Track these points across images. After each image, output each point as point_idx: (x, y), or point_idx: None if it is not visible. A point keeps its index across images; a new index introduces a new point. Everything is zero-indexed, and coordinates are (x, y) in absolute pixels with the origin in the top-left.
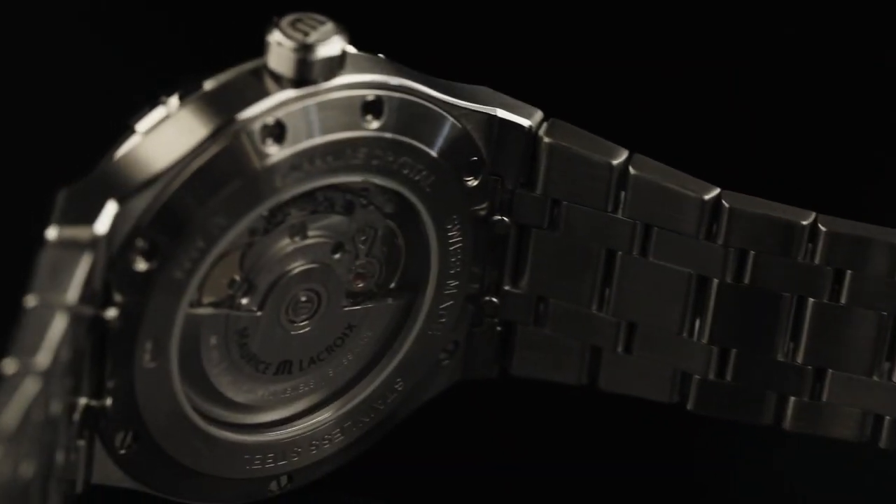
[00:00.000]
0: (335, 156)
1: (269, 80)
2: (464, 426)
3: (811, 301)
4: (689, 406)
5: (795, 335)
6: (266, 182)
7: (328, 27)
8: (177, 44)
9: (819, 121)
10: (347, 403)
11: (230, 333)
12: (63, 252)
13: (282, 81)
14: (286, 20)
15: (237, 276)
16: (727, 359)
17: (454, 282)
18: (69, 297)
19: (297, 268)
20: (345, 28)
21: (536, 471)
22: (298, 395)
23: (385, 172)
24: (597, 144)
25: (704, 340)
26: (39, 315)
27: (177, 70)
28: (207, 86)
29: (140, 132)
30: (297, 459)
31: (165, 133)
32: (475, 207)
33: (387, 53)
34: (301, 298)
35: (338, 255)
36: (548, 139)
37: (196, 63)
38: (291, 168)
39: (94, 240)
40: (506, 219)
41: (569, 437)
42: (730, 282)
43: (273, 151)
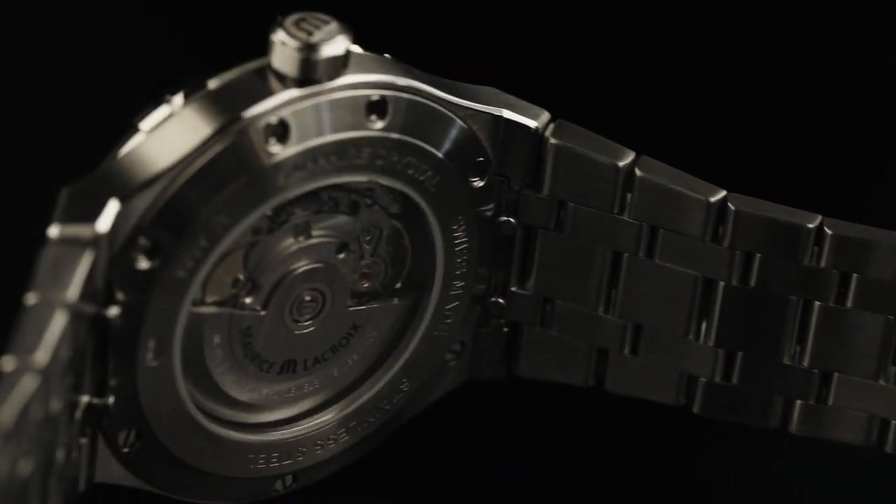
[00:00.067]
0: (339, 155)
1: (273, 80)
2: (470, 427)
3: (817, 304)
4: (696, 409)
5: (801, 338)
6: (269, 181)
7: (332, 27)
8: (177, 44)
9: (819, 121)
10: (352, 403)
11: (234, 332)
12: (64, 250)
13: (286, 81)
14: (290, 19)
15: (241, 276)
16: (733, 362)
17: (460, 282)
18: (69, 295)
19: (301, 267)
20: (349, 27)
21: (541, 471)
22: (303, 395)
23: (390, 172)
24: (603, 146)
25: (710, 343)
26: (39, 313)
27: (177, 70)
28: (211, 85)
29: (143, 131)
30: (302, 459)
31: (169, 131)
32: (481, 208)
33: (393, 53)
34: (305, 298)
35: (342, 255)
36: (554, 140)
37: (196, 63)
38: (295, 167)
39: (96, 238)
40: (512, 220)
41: (574, 439)
42: (736, 284)
43: (277, 151)
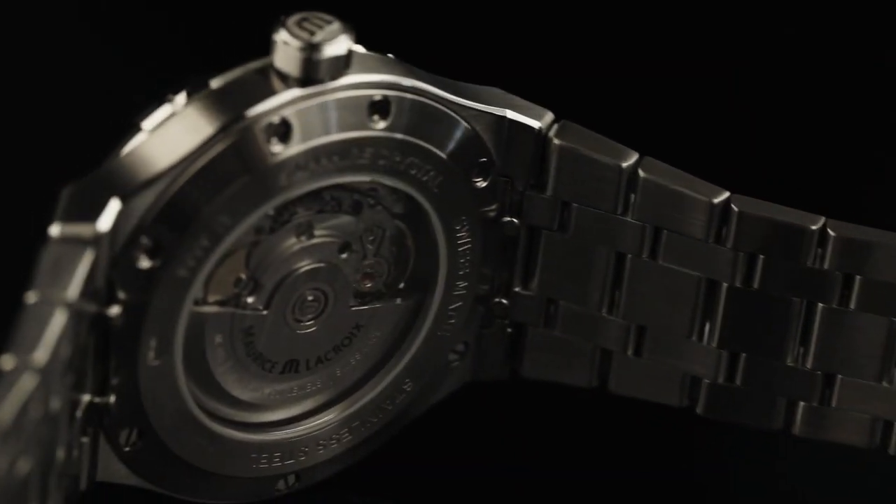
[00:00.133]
0: (341, 155)
1: (276, 79)
2: (473, 427)
3: (820, 306)
4: (699, 410)
5: (805, 340)
6: (271, 181)
7: (334, 26)
8: (177, 44)
9: (819, 121)
10: (355, 403)
11: (236, 332)
12: (65, 249)
13: (288, 80)
14: (293, 19)
15: (243, 275)
16: (736, 363)
17: (463, 283)
18: (69, 294)
19: (304, 267)
20: (351, 27)
21: (545, 472)
22: (305, 395)
23: (392, 173)
24: (607, 146)
25: (714, 344)
26: (39, 311)
27: (177, 70)
28: (214, 84)
29: (146, 130)
30: (305, 459)
31: (171, 131)
32: (484, 208)
33: (396, 53)
34: (308, 298)
35: (345, 255)
36: (558, 141)
37: (196, 63)
38: (297, 167)
39: (97, 237)
40: (515, 220)
41: (578, 439)
42: (739, 286)
43: (278, 150)
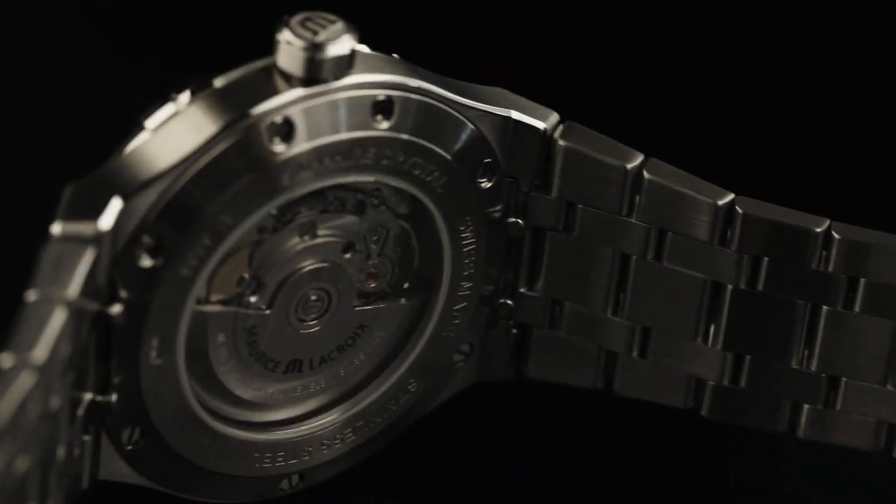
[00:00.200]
0: (344, 155)
1: (279, 79)
2: (478, 428)
3: (825, 308)
4: (704, 412)
5: (809, 342)
6: (274, 180)
7: (338, 26)
8: (177, 44)
9: (820, 121)
10: (359, 403)
11: (238, 331)
12: (66, 247)
13: (291, 80)
14: (296, 19)
15: (246, 274)
16: (741, 365)
17: (468, 283)
18: (69, 292)
19: (307, 267)
20: (355, 27)
21: (549, 473)
22: (309, 394)
23: (396, 173)
24: (612, 148)
25: (719, 346)
26: (39, 309)
27: (177, 70)
28: (217, 83)
29: (149, 129)
30: (309, 458)
31: (174, 130)
32: (489, 209)
33: (401, 53)
34: (311, 297)
35: (348, 255)
36: (563, 142)
37: (196, 63)
38: (300, 167)
39: (98, 235)
40: (520, 221)
41: (582, 441)
42: (744, 288)
43: (281, 150)
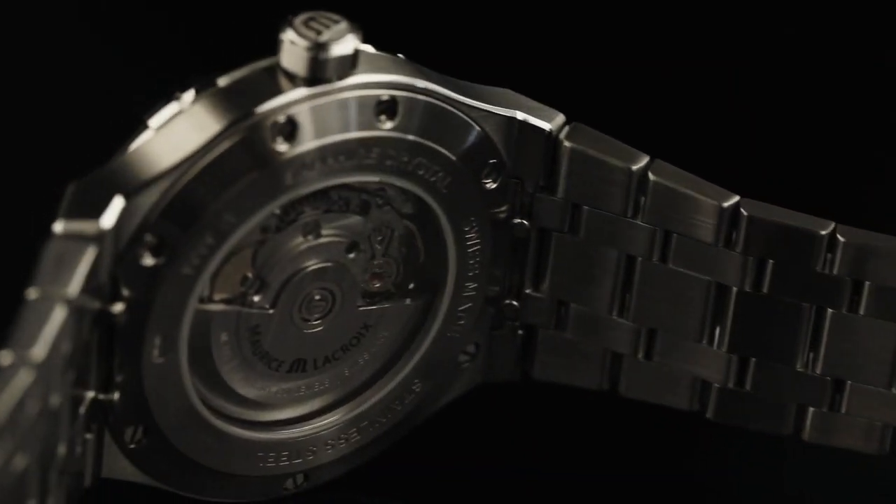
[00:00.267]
0: (348, 155)
1: (283, 78)
2: (483, 429)
3: (830, 311)
4: (709, 414)
5: (814, 345)
6: (277, 180)
7: (342, 26)
8: (177, 44)
9: (820, 121)
10: (364, 403)
11: (242, 330)
12: (68, 245)
13: (295, 80)
14: (300, 18)
15: (249, 273)
16: (746, 368)
17: (473, 284)
18: (70, 290)
19: (311, 266)
20: (359, 27)
21: (554, 474)
22: (313, 394)
23: (400, 173)
24: (617, 149)
25: (724, 349)
26: (39, 307)
27: (177, 70)
28: (221, 82)
29: (152, 127)
30: (313, 458)
31: (177, 128)
32: (494, 210)
33: (406, 53)
34: (315, 297)
35: (352, 255)
36: (568, 143)
37: (196, 63)
38: (303, 166)
39: (100, 234)
40: (525, 222)
41: (588, 442)
42: (749, 290)
43: (284, 149)
